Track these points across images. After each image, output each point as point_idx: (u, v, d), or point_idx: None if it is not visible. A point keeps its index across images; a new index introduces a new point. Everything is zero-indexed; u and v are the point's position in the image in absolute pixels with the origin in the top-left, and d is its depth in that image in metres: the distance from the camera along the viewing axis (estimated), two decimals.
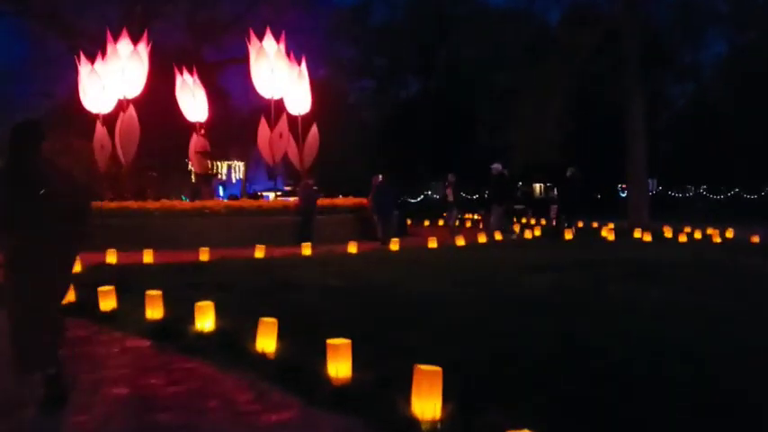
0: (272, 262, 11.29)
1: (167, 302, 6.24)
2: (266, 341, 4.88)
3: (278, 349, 4.86)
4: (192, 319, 5.62)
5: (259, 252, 12.01)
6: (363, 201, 17.91)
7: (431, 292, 7.98)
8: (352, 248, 12.91)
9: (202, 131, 21.59)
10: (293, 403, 3.95)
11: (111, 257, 11.03)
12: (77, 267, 9.82)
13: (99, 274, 9.47)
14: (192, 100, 21.13)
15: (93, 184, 18.92)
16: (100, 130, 19.49)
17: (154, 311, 6.12)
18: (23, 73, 31.08)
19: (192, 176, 31.21)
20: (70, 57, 21.72)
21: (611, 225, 18.04)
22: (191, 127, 21.59)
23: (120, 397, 4.17)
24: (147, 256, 11.19)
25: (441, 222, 23.26)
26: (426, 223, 24.70)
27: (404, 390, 3.61)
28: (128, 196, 18.61)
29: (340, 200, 19.56)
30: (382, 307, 6.88)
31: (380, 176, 16.81)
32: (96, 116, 19.50)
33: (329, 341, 4.23)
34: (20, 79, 30.99)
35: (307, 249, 12.67)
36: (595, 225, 20.09)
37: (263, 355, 4.79)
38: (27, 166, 3.93)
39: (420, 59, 44.13)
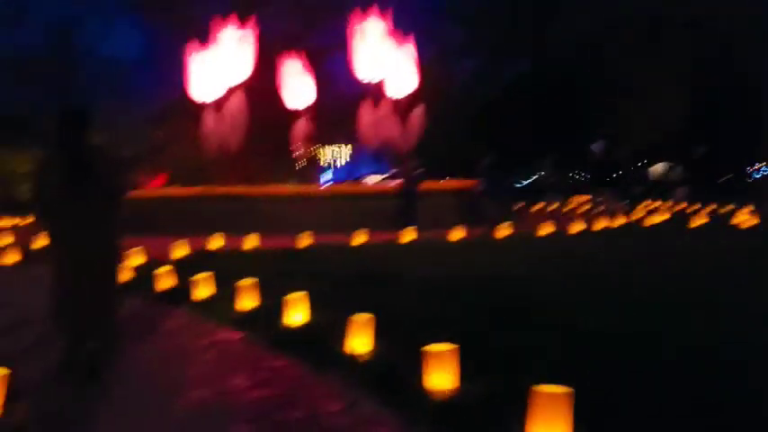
0: (372, 248, 10.87)
1: (260, 291, 5.91)
2: (359, 341, 4.37)
3: (373, 351, 4.34)
4: (283, 311, 5.23)
5: (358, 238, 11.62)
6: (469, 183, 17.14)
7: (545, 284, 7.19)
8: (458, 234, 12.24)
9: (307, 116, 21.63)
10: (387, 420, 3.40)
11: (215, 242, 11.02)
12: (183, 252, 9.87)
13: (201, 259, 9.40)
14: (298, 85, 21.15)
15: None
16: (209, 116, 19.93)
17: (245, 301, 5.79)
18: (142, 64, 32.64)
19: (297, 162, 31.66)
20: (184, 47, 22.36)
21: (749, 208, 16.17)
22: (296, 112, 21.67)
23: (201, 401, 3.79)
24: (250, 242, 11.10)
25: (549, 207, 22.02)
26: (538, 207, 23.47)
27: (519, 410, 2.97)
28: (236, 182, 18.94)
29: (445, 183, 18.87)
30: (491, 302, 6.20)
31: (488, 158, 15.96)
32: (205, 103, 19.95)
33: (429, 348, 3.64)
34: (138, 70, 32.57)
35: (408, 235, 12.14)
36: (725, 210, 18.18)
37: (355, 357, 4.28)
38: (74, 151, 4.07)
39: (530, 36, 42.19)
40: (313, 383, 4.03)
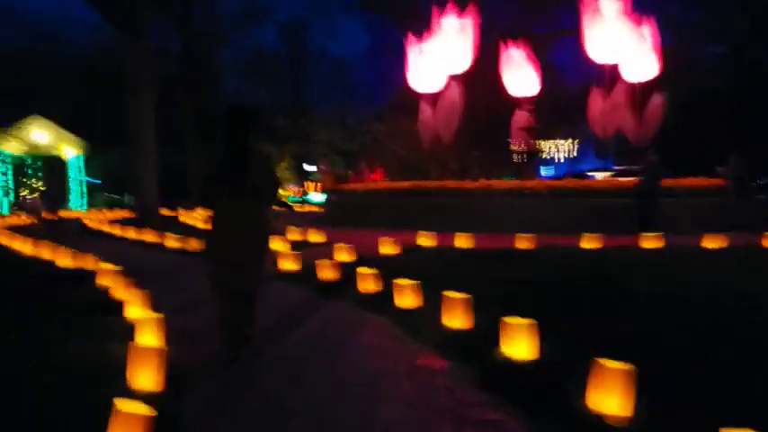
0: (605, 255, 9.22)
1: (474, 306, 4.83)
2: (613, 399, 3.08)
3: (634, 415, 3.03)
4: (501, 337, 4.10)
5: (588, 241, 10.04)
6: (719, 181, 14.46)
7: None
8: (712, 242, 10.04)
9: (528, 107, 20.22)
10: None
11: (426, 240, 10.24)
12: (390, 249, 9.22)
13: (408, 260, 8.64)
14: (519, 74, 19.84)
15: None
16: (425, 109, 19.49)
17: (454, 319, 4.76)
18: (366, 62, 33.65)
19: (514, 155, 30.18)
20: (404, 39, 22.25)
21: None
22: (514, 103, 20.37)
23: None
24: (462, 240, 10.13)
25: None
26: None
27: None
28: (450, 175, 18.21)
29: (689, 180, 16.14)
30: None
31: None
32: (423, 96, 19.52)
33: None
34: (363, 68, 33.62)
35: (649, 240, 10.24)
36: None
37: (604, 420, 3.01)
38: (237, 148, 4.23)
39: None
40: None
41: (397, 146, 28.39)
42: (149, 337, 4.23)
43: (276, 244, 10.31)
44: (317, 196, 30.85)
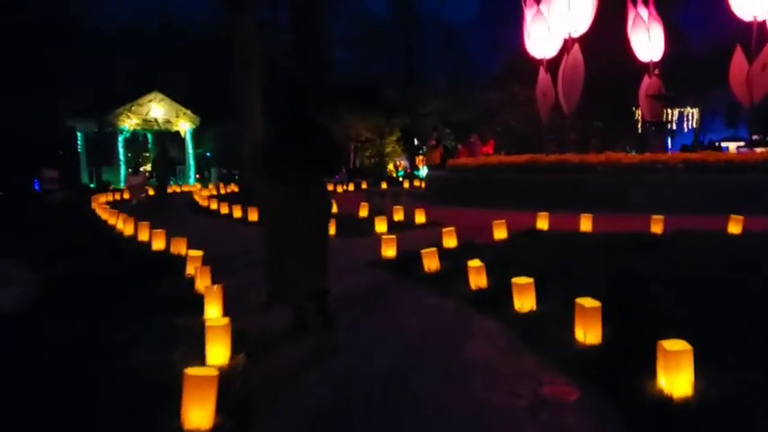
0: (759, 242, 7.78)
1: (605, 312, 3.90)
2: None
3: None
4: (658, 367, 3.16)
5: (735, 225, 8.56)
6: None
7: None
8: None
9: (656, 72, 18.30)
10: None
11: (543, 222, 9.20)
12: (500, 233, 8.33)
13: (528, 245, 7.70)
14: (647, 37, 17.93)
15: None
16: (543, 77, 18.10)
17: (589, 332, 3.85)
18: (477, 27, 32.27)
19: (639, 125, 27.86)
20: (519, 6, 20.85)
21: None
22: (641, 68, 18.51)
23: None
24: (587, 223, 9.00)
25: None
26: None
27: None
28: (570, 148, 16.83)
29: None
30: None
31: None
32: (540, 62, 18.12)
33: None
34: (474, 34, 32.28)
35: None
36: None
37: None
38: (300, 126, 4.30)
39: None
40: None
41: (510, 117, 26.92)
42: (217, 348, 3.63)
43: (380, 225, 9.69)
44: (426, 171, 30.12)
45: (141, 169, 23.90)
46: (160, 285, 5.77)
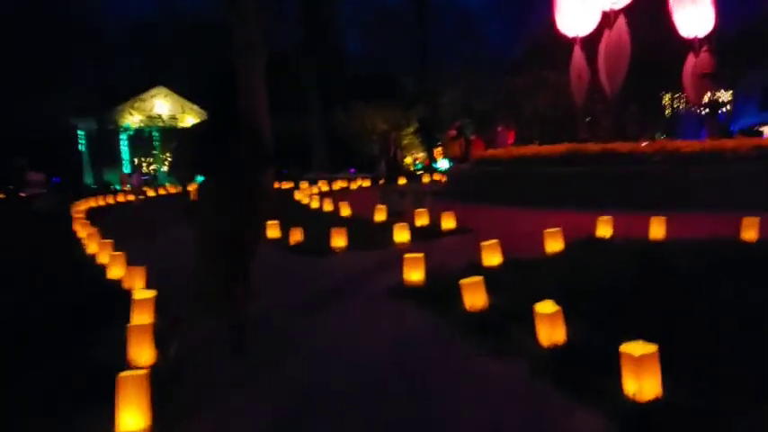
0: None
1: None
2: None
3: None
4: None
5: None
6: None
7: None
8: None
9: (705, 49, 16.28)
10: None
11: (605, 228, 7.31)
12: (556, 246, 6.54)
13: (589, 258, 5.90)
14: (693, 9, 15.92)
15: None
16: (577, 56, 16.16)
17: (646, 384, 2.08)
18: (499, 9, 30.54)
19: (666, 110, 25.89)
20: None
21: None
22: (683, 46, 16.51)
23: None
24: (658, 227, 7.12)
25: None
26: None
27: None
28: (603, 136, 14.93)
29: None
30: None
31: None
32: (573, 40, 16.18)
33: None
34: (493, 18, 30.53)
35: None
36: None
37: None
38: (222, 118, 3.83)
39: None
40: None
41: (537, 102, 24.91)
42: None
43: (400, 234, 7.94)
44: (445, 164, 28.26)
45: (144, 170, 22.49)
46: (89, 342, 4.07)
